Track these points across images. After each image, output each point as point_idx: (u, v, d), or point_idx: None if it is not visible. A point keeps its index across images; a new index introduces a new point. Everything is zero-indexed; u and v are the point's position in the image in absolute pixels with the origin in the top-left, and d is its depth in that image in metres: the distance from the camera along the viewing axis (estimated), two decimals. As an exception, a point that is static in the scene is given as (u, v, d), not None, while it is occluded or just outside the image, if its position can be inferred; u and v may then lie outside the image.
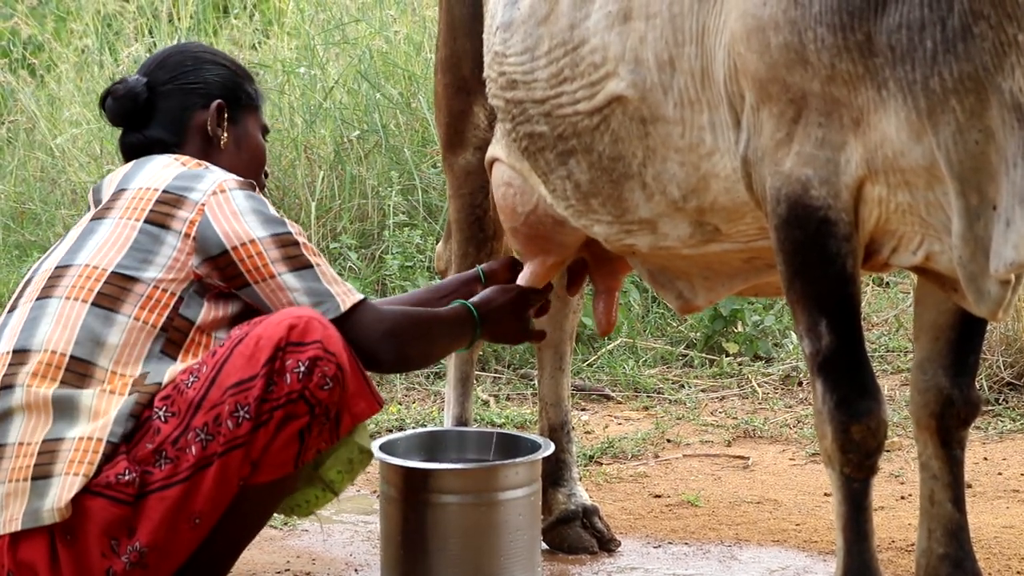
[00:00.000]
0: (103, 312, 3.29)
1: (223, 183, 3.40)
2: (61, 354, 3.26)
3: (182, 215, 3.36)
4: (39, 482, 3.18)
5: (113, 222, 3.39)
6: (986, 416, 5.53)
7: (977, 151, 3.11)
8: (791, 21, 3.22)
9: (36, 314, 3.31)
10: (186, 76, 3.60)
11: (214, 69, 3.62)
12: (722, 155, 3.47)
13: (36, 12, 9.19)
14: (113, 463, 3.19)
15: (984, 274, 3.17)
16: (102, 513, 3.18)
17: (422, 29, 7.63)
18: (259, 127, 3.68)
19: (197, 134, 3.58)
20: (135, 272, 3.33)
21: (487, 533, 3.73)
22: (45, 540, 3.18)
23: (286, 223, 3.40)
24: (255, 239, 3.36)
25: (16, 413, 3.23)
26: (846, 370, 3.33)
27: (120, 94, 3.59)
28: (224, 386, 3.22)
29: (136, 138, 3.60)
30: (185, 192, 3.38)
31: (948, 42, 3.09)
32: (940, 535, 3.60)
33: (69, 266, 3.35)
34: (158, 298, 3.32)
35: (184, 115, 3.58)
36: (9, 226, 7.74)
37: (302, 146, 7.29)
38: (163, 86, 3.59)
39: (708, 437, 5.48)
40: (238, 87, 3.63)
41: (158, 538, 3.19)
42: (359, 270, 6.69)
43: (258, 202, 3.40)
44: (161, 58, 3.64)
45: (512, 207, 4.10)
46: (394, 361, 3.46)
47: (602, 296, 4.21)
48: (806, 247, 3.31)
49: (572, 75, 3.71)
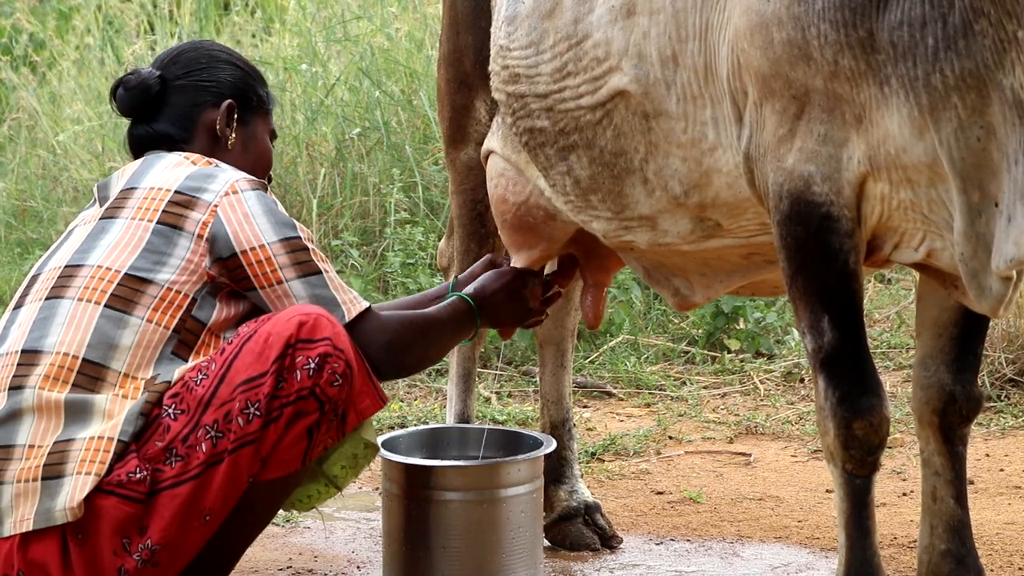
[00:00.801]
0: (116, 314, 3.28)
1: (235, 183, 3.39)
2: (74, 357, 3.25)
3: (195, 216, 3.35)
4: (50, 482, 3.17)
5: (125, 222, 3.37)
6: (988, 412, 5.53)
7: (979, 148, 3.11)
8: (794, 17, 3.22)
9: (46, 314, 3.30)
10: (199, 73, 3.58)
11: (228, 69, 3.61)
12: (724, 151, 3.47)
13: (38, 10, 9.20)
14: (124, 461, 3.19)
15: (986, 271, 3.17)
16: (114, 512, 3.17)
17: (423, 26, 7.63)
18: (267, 131, 3.67)
19: (205, 132, 3.57)
20: (148, 274, 3.32)
21: (489, 530, 3.73)
22: (56, 540, 3.18)
23: (296, 227, 3.40)
24: (265, 244, 3.35)
25: (26, 414, 3.22)
26: (848, 366, 3.33)
27: (132, 85, 3.57)
28: (234, 383, 3.22)
29: (144, 130, 3.58)
30: (197, 193, 3.37)
31: (949, 39, 3.09)
32: (942, 531, 3.60)
33: (81, 266, 3.34)
34: (171, 300, 3.31)
35: (194, 111, 3.57)
36: (11, 223, 7.75)
37: (304, 143, 7.29)
38: (175, 81, 3.58)
39: (710, 434, 5.48)
40: (250, 89, 3.62)
41: (169, 535, 3.19)
42: (361, 267, 6.69)
43: (269, 203, 3.39)
44: (176, 53, 3.63)
45: (503, 197, 4.10)
46: (395, 372, 3.48)
47: (590, 290, 4.21)
48: (808, 243, 3.31)
49: (575, 69, 3.71)
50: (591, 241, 4.09)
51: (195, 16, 8.49)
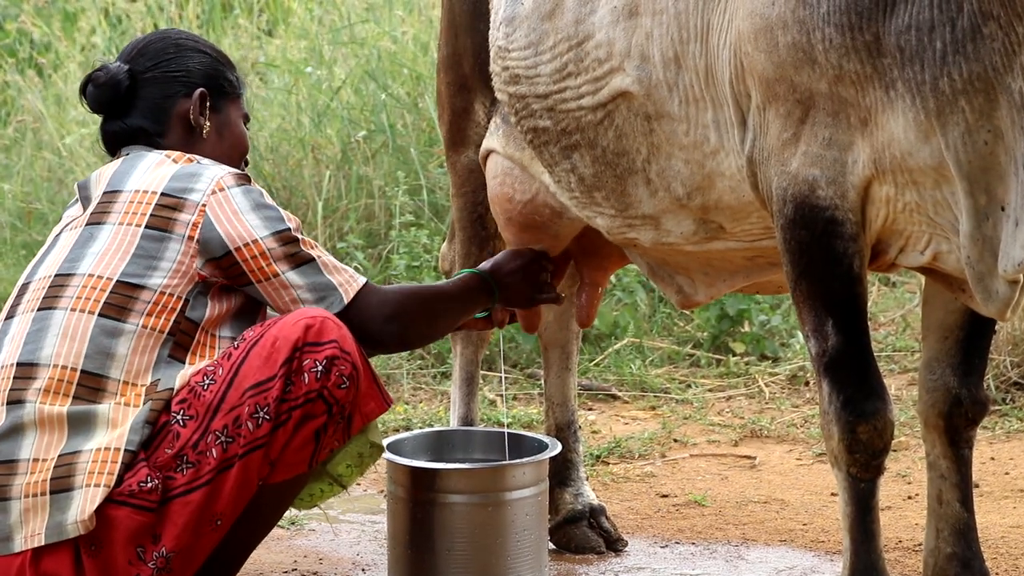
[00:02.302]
0: (111, 323, 3.27)
1: (221, 180, 3.38)
2: (72, 369, 3.23)
3: (184, 218, 3.34)
4: (59, 495, 3.16)
5: (113, 228, 3.36)
6: (993, 416, 5.52)
7: (986, 151, 3.11)
8: (799, 21, 3.22)
9: (40, 326, 3.28)
10: (168, 64, 3.55)
11: (196, 57, 3.58)
12: (727, 154, 3.47)
13: (43, 12, 9.20)
14: (134, 471, 3.18)
15: (992, 274, 3.17)
16: (127, 522, 3.17)
17: (429, 29, 7.63)
18: (240, 115, 3.64)
19: (179, 123, 3.54)
20: (140, 280, 3.31)
21: (494, 533, 3.73)
22: (69, 553, 3.17)
23: (284, 217, 3.39)
24: (258, 239, 3.35)
25: (28, 429, 3.20)
26: (853, 370, 3.33)
27: (101, 82, 3.54)
28: (242, 387, 3.22)
29: (117, 126, 3.55)
30: (184, 194, 3.36)
31: (958, 43, 3.08)
32: (948, 535, 3.60)
33: (71, 275, 3.32)
34: (164, 303, 3.30)
35: (166, 103, 3.54)
36: (16, 226, 7.76)
37: (309, 146, 7.29)
38: (144, 74, 3.54)
39: (715, 437, 5.48)
40: (220, 75, 3.60)
41: (183, 542, 3.19)
42: (366, 270, 6.69)
43: (256, 197, 3.39)
44: (142, 45, 3.60)
45: (509, 196, 4.09)
46: (399, 344, 3.48)
47: (586, 288, 4.22)
48: (812, 247, 3.31)
49: (576, 70, 3.71)
50: (589, 240, 4.09)
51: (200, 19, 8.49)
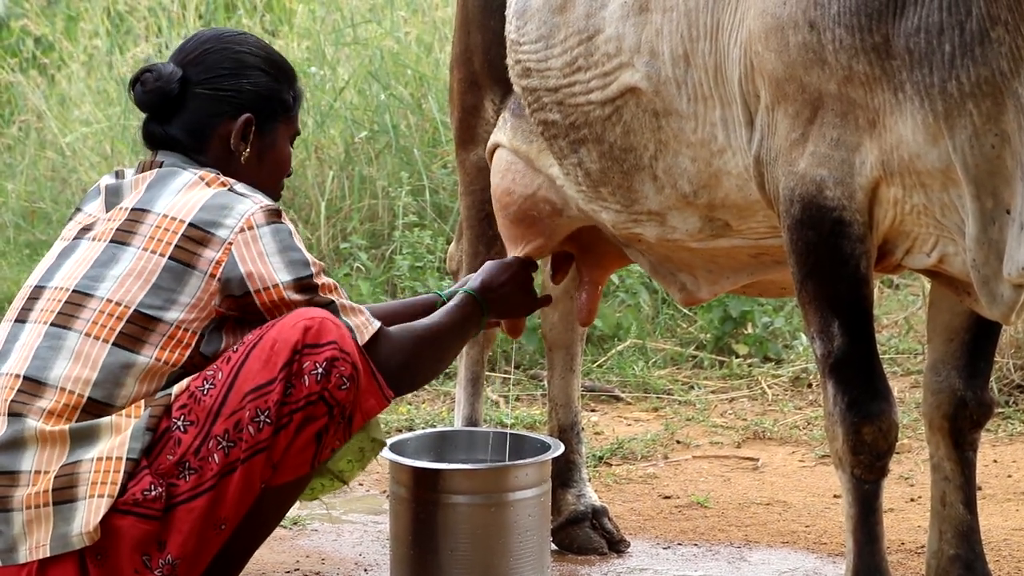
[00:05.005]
0: (124, 353, 3.24)
1: (251, 217, 3.31)
2: (79, 395, 3.21)
3: (208, 255, 3.29)
4: (63, 506, 3.15)
5: (136, 252, 3.30)
6: (996, 419, 5.52)
7: (993, 155, 3.11)
8: (810, 21, 3.22)
9: (52, 344, 3.25)
10: (221, 81, 3.45)
11: (252, 76, 3.47)
12: (734, 153, 3.47)
13: (46, 11, 9.21)
14: (137, 479, 3.17)
15: (997, 278, 3.17)
16: (132, 531, 3.16)
17: (433, 30, 7.64)
18: (290, 134, 3.55)
19: (219, 143, 3.46)
20: (158, 312, 3.26)
21: (497, 533, 3.73)
22: (74, 563, 3.16)
23: (308, 263, 3.33)
24: (278, 283, 3.30)
25: (29, 443, 3.19)
26: (858, 372, 3.33)
27: (149, 87, 3.45)
28: (243, 391, 3.20)
29: (157, 130, 3.47)
30: (212, 228, 3.29)
31: (966, 46, 3.08)
32: (951, 537, 3.60)
33: (90, 296, 3.28)
34: (179, 338, 3.27)
35: (210, 122, 3.45)
36: (20, 225, 7.76)
37: (312, 146, 7.30)
38: (196, 87, 3.45)
39: (718, 438, 5.47)
40: (274, 96, 3.49)
41: (188, 548, 3.19)
42: (369, 270, 6.69)
43: (283, 237, 3.32)
44: (201, 52, 3.48)
45: (509, 189, 4.08)
46: (411, 387, 3.49)
47: (586, 287, 4.22)
48: (819, 248, 3.31)
49: (586, 64, 3.71)
50: (589, 239, 4.09)
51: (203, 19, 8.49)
